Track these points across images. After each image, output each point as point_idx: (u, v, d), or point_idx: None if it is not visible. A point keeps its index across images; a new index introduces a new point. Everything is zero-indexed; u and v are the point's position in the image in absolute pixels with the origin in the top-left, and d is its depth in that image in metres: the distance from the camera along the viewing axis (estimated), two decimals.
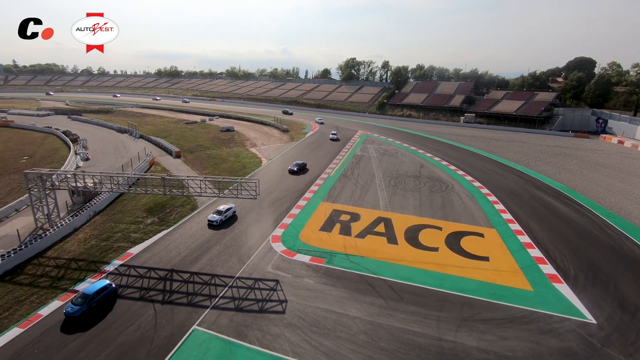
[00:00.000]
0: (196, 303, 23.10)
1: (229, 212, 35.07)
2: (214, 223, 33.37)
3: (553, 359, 18.69)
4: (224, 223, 34.11)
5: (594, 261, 28.36)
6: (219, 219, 33.80)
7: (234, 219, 35.14)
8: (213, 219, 33.66)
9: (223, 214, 34.39)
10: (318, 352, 19.14)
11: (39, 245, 29.01)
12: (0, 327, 20.87)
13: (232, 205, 35.96)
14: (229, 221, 34.69)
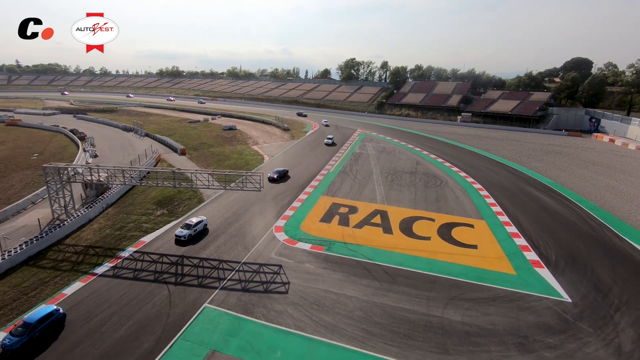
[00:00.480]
0: (206, 284, 25.20)
1: (199, 225, 31.94)
2: (182, 238, 30.26)
3: (529, 331, 20.80)
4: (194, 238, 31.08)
5: (575, 249, 30.47)
6: (188, 233, 30.61)
7: (204, 233, 32.14)
8: (181, 234, 30.47)
9: (192, 227, 31.22)
10: (318, 326, 21.23)
11: (58, 234, 31.13)
12: (28, 305, 22.96)
13: (203, 218, 33.04)
14: (199, 235, 31.74)
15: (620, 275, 26.66)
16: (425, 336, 20.49)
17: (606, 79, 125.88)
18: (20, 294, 23.98)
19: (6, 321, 21.44)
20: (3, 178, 47.80)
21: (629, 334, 20.67)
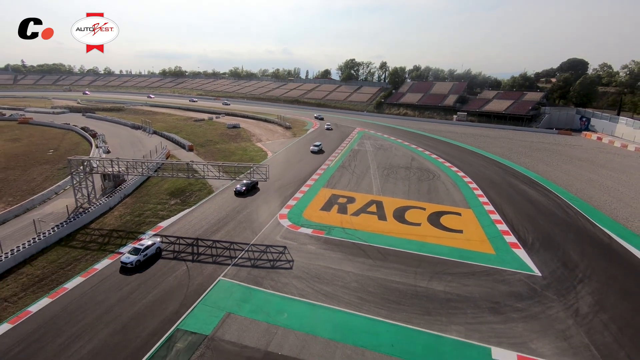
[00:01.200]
0: (220, 262, 28.47)
1: (151, 249, 27.73)
2: (128, 265, 26.10)
3: (501, 298, 24.07)
4: (144, 264, 26.96)
5: (550, 233, 33.75)
6: (135, 259, 26.38)
7: (156, 257, 28.01)
8: (127, 260, 26.28)
9: (141, 252, 26.93)
10: (319, 294, 24.50)
11: (84, 219, 34.43)
12: (65, 277, 26.26)
13: (157, 241, 29.21)
14: (152, 260, 27.56)
15: (588, 255, 29.94)
16: (412, 302, 23.75)
17: (600, 79, 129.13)
18: (58, 268, 27.30)
19: (49, 289, 24.76)
20: (24, 172, 51.12)
21: (587, 301, 23.94)
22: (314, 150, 63.37)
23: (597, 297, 24.24)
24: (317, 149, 63.75)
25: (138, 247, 27.69)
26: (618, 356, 19.23)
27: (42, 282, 25.63)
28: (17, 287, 25.00)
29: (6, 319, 21.81)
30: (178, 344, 20.03)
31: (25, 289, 24.89)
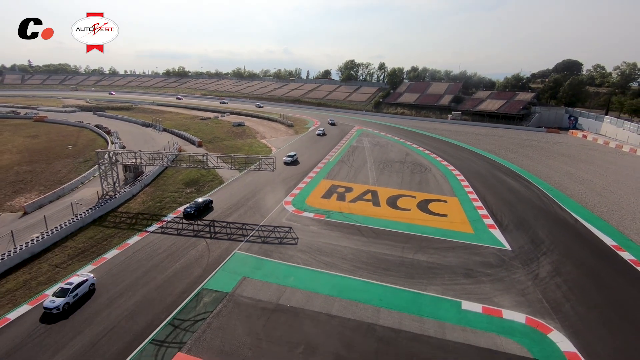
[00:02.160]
0: (234, 239, 32.89)
1: (82, 288, 23.59)
2: (53, 311, 21.87)
3: (474, 266, 28.46)
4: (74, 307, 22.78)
5: (524, 217, 38.15)
6: (61, 303, 22.10)
7: (88, 296, 23.97)
8: (52, 305, 21.97)
9: (69, 293, 22.65)
10: (320, 263, 28.91)
11: (112, 204, 38.88)
12: (103, 250, 30.68)
13: (88, 277, 24.68)
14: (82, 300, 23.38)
15: (554, 234, 34.35)
16: (399, 269, 28.16)
17: (593, 80, 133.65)
18: (95, 242, 31.75)
19: (91, 258, 29.22)
20: (49, 165, 55.57)
21: (547, 269, 28.36)
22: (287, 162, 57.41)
23: (555, 266, 28.67)
24: (289, 160, 57.89)
25: (66, 287, 23.11)
26: (563, 307, 23.64)
27: (85, 253, 30.08)
28: (64, 257, 29.48)
29: (60, 280, 26.24)
30: (205, 298, 24.46)
31: (71, 258, 29.36)
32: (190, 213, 37.12)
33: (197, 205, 38.22)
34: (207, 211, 38.98)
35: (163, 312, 22.96)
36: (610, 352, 19.88)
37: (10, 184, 46.91)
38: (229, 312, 22.99)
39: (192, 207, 37.78)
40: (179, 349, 19.99)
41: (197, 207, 37.97)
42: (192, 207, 37.91)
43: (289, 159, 58.12)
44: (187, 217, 37.00)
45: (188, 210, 37.42)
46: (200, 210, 38.28)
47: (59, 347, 19.98)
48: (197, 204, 38.53)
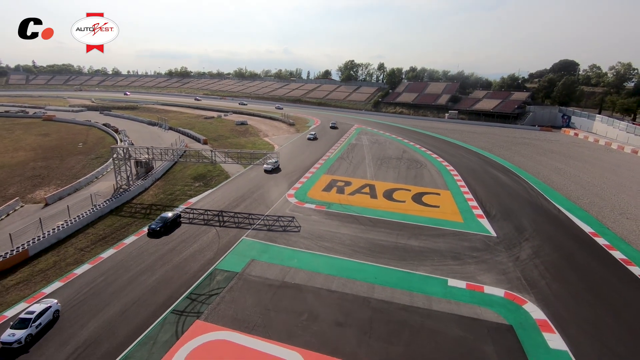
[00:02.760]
0: (242, 227, 35.65)
1: (45, 315, 21.57)
2: (14, 344, 19.76)
3: (462, 250, 31.20)
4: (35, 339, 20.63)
5: (512, 208, 40.89)
6: (21, 336, 20.01)
7: (52, 324, 21.88)
8: (11, 340, 19.75)
9: (31, 324, 20.62)
10: (321, 248, 31.67)
11: (126, 197, 41.69)
12: (122, 236, 33.47)
13: (52, 302, 22.50)
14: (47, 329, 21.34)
15: (537, 222, 37.10)
16: (392, 252, 30.92)
17: (589, 80, 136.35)
18: (115, 230, 34.56)
19: (112, 243, 32.03)
20: (62, 161, 58.39)
21: (527, 252, 31.13)
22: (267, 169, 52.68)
23: (535, 250, 31.43)
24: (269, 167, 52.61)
25: (26, 317, 21.03)
26: (539, 284, 26.40)
27: (106, 239, 32.90)
28: (87, 242, 32.31)
29: (86, 261, 29.08)
30: (217, 277, 27.25)
31: (94, 243, 32.19)
32: (155, 230, 32.86)
33: (163, 221, 33.84)
34: (175, 227, 34.51)
35: (181, 287, 25.76)
36: (576, 319, 22.65)
37: (29, 178, 49.75)
38: (240, 288, 25.79)
39: (157, 224, 33.42)
40: (197, 317, 22.78)
41: (163, 223, 33.65)
42: (158, 223, 33.54)
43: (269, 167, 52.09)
44: (152, 234, 32.76)
45: (153, 226, 33.12)
46: (167, 226, 33.91)
47: (100, 309, 22.85)
48: (163, 219, 34.03)
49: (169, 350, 20.16)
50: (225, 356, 19.84)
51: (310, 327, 22.01)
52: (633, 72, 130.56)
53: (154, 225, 33.67)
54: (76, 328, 21.80)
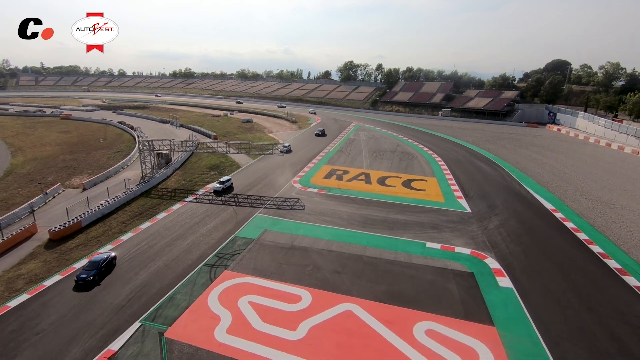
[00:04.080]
0: (255, 206, 41.78)
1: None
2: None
3: (440, 222, 37.27)
4: None
5: (487, 190, 47.01)
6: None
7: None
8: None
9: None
10: (323, 221, 37.73)
11: (152, 183, 47.84)
12: (154, 212, 39.61)
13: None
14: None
15: (508, 201, 43.22)
16: (382, 224, 37.00)
17: (580, 79, 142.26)
18: (147, 208, 40.72)
19: (147, 218, 38.17)
20: (88, 155, 64.57)
21: (495, 223, 37.24)
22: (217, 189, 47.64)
23: (501, 222, 37.53)
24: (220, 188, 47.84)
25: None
26: (500, 246, 32.47)
27: (140, 215, 39.05)
28: (126, 217, 38.49)
29: (129, 231, 35.23)
30: (238, 242, 33.37)
31: (132, 217, 38.36)
32: (82, 281, 25.74)
33: (94, 267, 26.80)
34: (110, 269, 28.13)
35: (209, 249, 31.89)
36: (523, 268, 28.75)
37: (62, 168, 55.94)
38: (257, 249, 31.93)
39: (87, 272, 26.36)
40: (225, 268, 28.89)
41: (95, 269, 26.70)
42: (88, 271, 26.46)
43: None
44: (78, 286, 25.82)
45: (82, 277, 25.94)
46: (101, 272, 26.94)
47: (148, 262, 29.05)
48: (93, 264, 27.14)
49: (206, 289, 26.26)
50: (249, 292, 25.97)
51: (314, 274, 28.14)
52: (621, 71, 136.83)
53: (84, 274, 26.14)
54: (132, 275, 27.96)
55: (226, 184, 46.41)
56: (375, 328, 22.34)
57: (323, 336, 21.74)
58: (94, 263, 27.42)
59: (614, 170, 56.58)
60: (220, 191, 45.16)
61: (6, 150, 67.49)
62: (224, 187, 45.93)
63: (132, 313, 23.54)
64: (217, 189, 45.22)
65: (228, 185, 46.85)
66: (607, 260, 29.94)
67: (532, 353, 20.36)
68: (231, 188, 47.33)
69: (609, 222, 37.21)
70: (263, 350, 20.55)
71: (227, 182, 47.02)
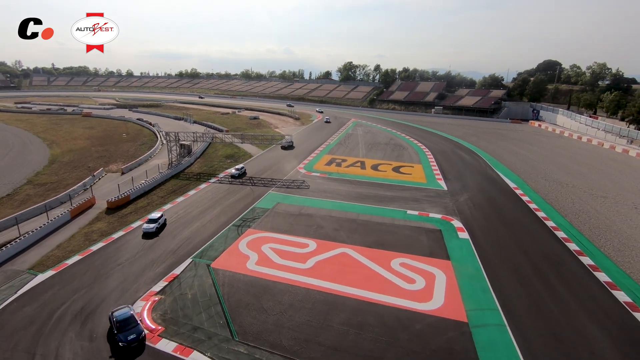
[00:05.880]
0: (268, 185, 50.21)
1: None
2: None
3: (420, 197, 45.63)
4: None
5: (464, 174, 55.37)
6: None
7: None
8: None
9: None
10: (324, 196, 46.11)
11: (179, 168, 56.34)
12: (185, 190, 48.04)
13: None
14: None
15: (479, 182, 51.58)
16: (373, 198, 45.32)
17: (570, 78, 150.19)
18: (178, 187, 49.18)
19: (180, 194, 46.60)
20: (117, 147, 73.07)
21: (464, 197, 45.63)
22: None
23: (470, 196, 45.89)
24: None
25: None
26: (465, 212, 40.81)
27: (175, 192, 47.50)
28: (163, 193, 46.97)
29: (168, 203, 43.65)
30: (256, 210, 41.79)
31: (168, 193, 46.82)
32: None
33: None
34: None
35: (235, 215, 40.27)
36: (480, 226, 37.12)
37: (98, 158, 64.43)
38: (272, 215, 40.35)
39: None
40: (249, 227, 37.30)
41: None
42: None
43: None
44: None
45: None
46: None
47: (188, 224, 37.54)
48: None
49: (236, 240, 34.65)
50: (269, 242, 34.37)
51: (318, 231, 36.54)
52: (607, 71, 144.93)
53: None
54: (178, 231, 36.40)
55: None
56: (363, 262, 30.76)
57: (325, 267, 30.16)
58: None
59: (577, 159, 64.94)
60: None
61: (42, 144, 75.97)
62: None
63: (184, 254, 31.98)
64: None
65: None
66: (547, 222, 38.37)
67: (474, 276, 28.73)
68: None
69: (557, 197, 45.62)
70: (283, 274, 28.94)
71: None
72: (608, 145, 73.52)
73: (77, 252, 32.19)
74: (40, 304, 25.26)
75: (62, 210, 39.51)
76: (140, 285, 27.29)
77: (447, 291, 26.65)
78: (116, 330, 21.42)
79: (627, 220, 38.39)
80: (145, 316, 23.82)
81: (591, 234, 35.41)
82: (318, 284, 27.54)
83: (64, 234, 35.60)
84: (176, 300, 25.58)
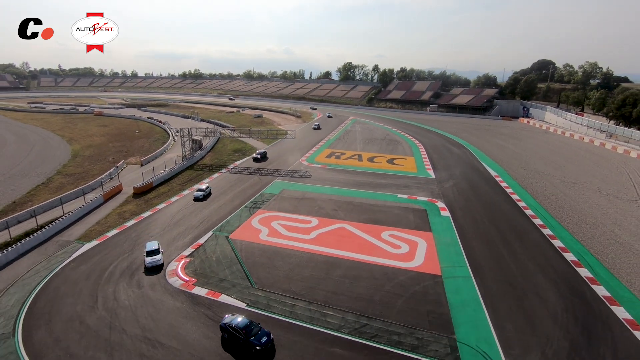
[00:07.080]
0: (273, 175, 55.76)
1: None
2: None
3: (410, 184, 51.17)
4: None
5: (451, 164, 60.91)
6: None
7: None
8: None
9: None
10: (325, 184, 51.68)
11: (193, 160, 61.96)
12: (200, 179, 53.61)
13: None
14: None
15: (464, 172, 57.11)
16: (368, 185, 50.84)
17: (563, 77, 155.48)
18: (194, 176, 54.78)
19: (197, 182, 52.19)
20: (132, 143, 78.66)
21: (450, 184, 51.11)
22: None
23: (455, 183, 51.44)
24: None
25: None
26: (449, 196, 46.36)
27: (191, 180, 53.08)
28: (181, 181, 52.57)
29: (186, 189, 49.23)
30: (265, 195, 47.36)
31: (186, 181, 52.41)
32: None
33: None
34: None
35: (246, 199, 45.82)
36: (460, 207, 42.66)
37: (116, 152, 70.03)
38: (279, 199, 45.92)
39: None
40: (259, 208, 42.84)
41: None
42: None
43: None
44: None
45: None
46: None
47: (206, 204, 43.15)
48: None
49: (249, 218, 40.20)
50: (277, 219, 39.94)
51: (320, 211, 42.08)
52: (597, 70, 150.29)
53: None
54: (198, 211, 41.99)
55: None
56: (358, 234, 36.32)
57: (326, 237, 35.72)
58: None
59: (558, 151, 70.48)
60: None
61: (62, 140, 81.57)
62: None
63: (205, 229, 37.51)
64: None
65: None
66: (519, 203, 43.93)
67: (450, 243, 34.25)
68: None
69: (532, 183, 51.19)
70: (290, 243, 34.50)
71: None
72: (588, 139, 79.00)
73: (114, 227, 37.82)
74: (92, 263, 30.88)
75: (95, 194, 45.14)
76: (171, 250, 32.86)
77: (426, 254, 32.22)
78: (245, 337, 21.07)
79: (589, 201, 43.97)
80: (180, 272, 29.42)
81: (555, 212, 40.97)
82: (320, 250, 33.11)
83: (100, 214, 41.23)
84: (203, 262, 31.15)
